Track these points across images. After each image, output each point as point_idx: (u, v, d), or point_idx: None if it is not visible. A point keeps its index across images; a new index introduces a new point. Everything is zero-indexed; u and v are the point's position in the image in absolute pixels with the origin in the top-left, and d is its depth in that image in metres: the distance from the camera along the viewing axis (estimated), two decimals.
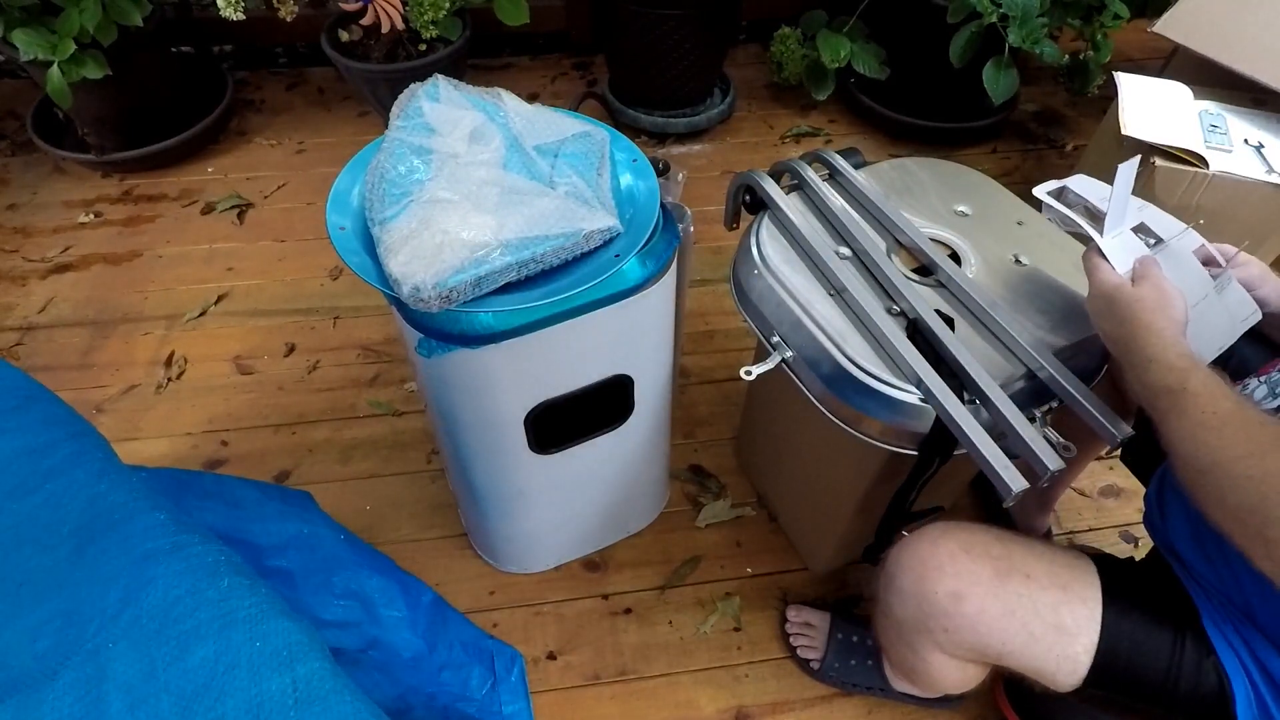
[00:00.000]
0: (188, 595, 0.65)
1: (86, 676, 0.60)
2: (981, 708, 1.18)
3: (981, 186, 1.07)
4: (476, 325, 0.80)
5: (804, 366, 0.91)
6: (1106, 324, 0.77)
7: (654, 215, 0.88)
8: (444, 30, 1.85)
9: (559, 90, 2.28)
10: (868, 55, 1.98)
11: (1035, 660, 0.78)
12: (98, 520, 0.70)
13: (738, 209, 1.08)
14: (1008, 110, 2.10)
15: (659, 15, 1.85)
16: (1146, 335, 0.71)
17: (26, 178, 1.97)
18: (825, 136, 2.16)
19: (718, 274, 1.76)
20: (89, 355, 1.60)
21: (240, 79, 2.24)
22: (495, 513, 1.16)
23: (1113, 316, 0.76)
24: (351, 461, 1.44)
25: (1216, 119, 1.44)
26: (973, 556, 0.80)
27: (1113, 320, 0.76)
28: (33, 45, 1.53)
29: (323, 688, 0.62)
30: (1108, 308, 0.76)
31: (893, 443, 0.88)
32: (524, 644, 1.22)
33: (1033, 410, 0.81)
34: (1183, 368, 0.67)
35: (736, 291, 1.01)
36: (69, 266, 1.77)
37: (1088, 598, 0.79)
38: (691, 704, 1.17)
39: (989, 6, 1.69)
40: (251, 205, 1.92)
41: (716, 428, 1.51)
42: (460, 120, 0.91)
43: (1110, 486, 1.43)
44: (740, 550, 1.34)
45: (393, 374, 1.57)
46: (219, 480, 1.14)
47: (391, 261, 0.77)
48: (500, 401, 0.94)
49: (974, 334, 0.89)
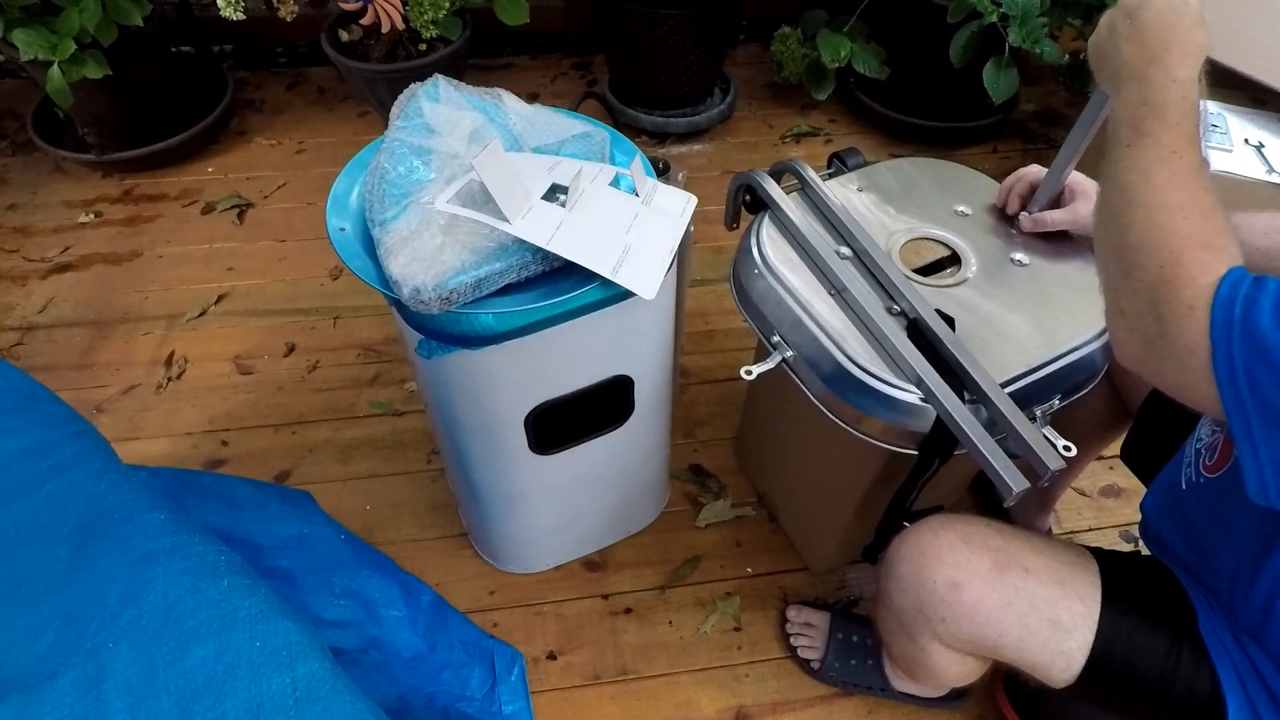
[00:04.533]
0: (188, 595, 0.65)
1: (86, 676, 0.60)
2: (981, 707, 1.18)
3: (981, 187, 1.07)
4: (477, 326, 0.80)
5: (804, 366, 0.91)
6: (1129, 44, 0.65)
7: None
8: (444, 30, 1.85)
9: (559, 90, 2.28)
10: (868, 55, 1.98)
11: (1030, 654, 0.79)
12: (98, 520, 0.70)
13: (738, 209, 1.08)
14: (1008, 110, 2.10)
15: (659, 15, 1.85)
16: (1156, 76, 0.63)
17: (26, 178, 1.97)
18: (825, 136, 2.16)
19: (718, 274, 1.76)
20: (89, 355, 1.60)
21: (240, 79, 2.24)
22: (495, 513, 1.16)
23: (1118, 71, 0.67)
24: (351, 461, 1.44)
25: (1216, 119, 1.44)
26: (972, 547, 0.80)
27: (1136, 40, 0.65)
28: (33, 45, 1.53)
29: (323, 688, 0.62)
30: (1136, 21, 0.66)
31: (893, 442, 0.88)
32: (524, 644, 1.22)
33: (1033, 410, 0.82)
34: (1180, 109, 0.62)
35: (737, 291, 1.01)
36: (69, 266, 1.77)
37: (1086, 595, 0.79)
38: (691, 704, 1.17)
39: (989, 6, 1.69)
40: (251, 205, 1.92)
41: (716, 428, 1.51)
42: (460, 121, 0.91)
43: (1110, 486, 1.43)
44: (740, 550, 1.34)
45: (393, 374, 1.57)
46: (219, 480, 1.14)
47: (392, 263, 0.77)
48: (500, 402, 0.94)
49: (974, 334, 0.89)
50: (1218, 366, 0.55)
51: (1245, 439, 0.56)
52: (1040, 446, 0.77)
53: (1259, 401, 0.55)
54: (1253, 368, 0.54)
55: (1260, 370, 0.54)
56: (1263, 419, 0.55)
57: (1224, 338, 0.54)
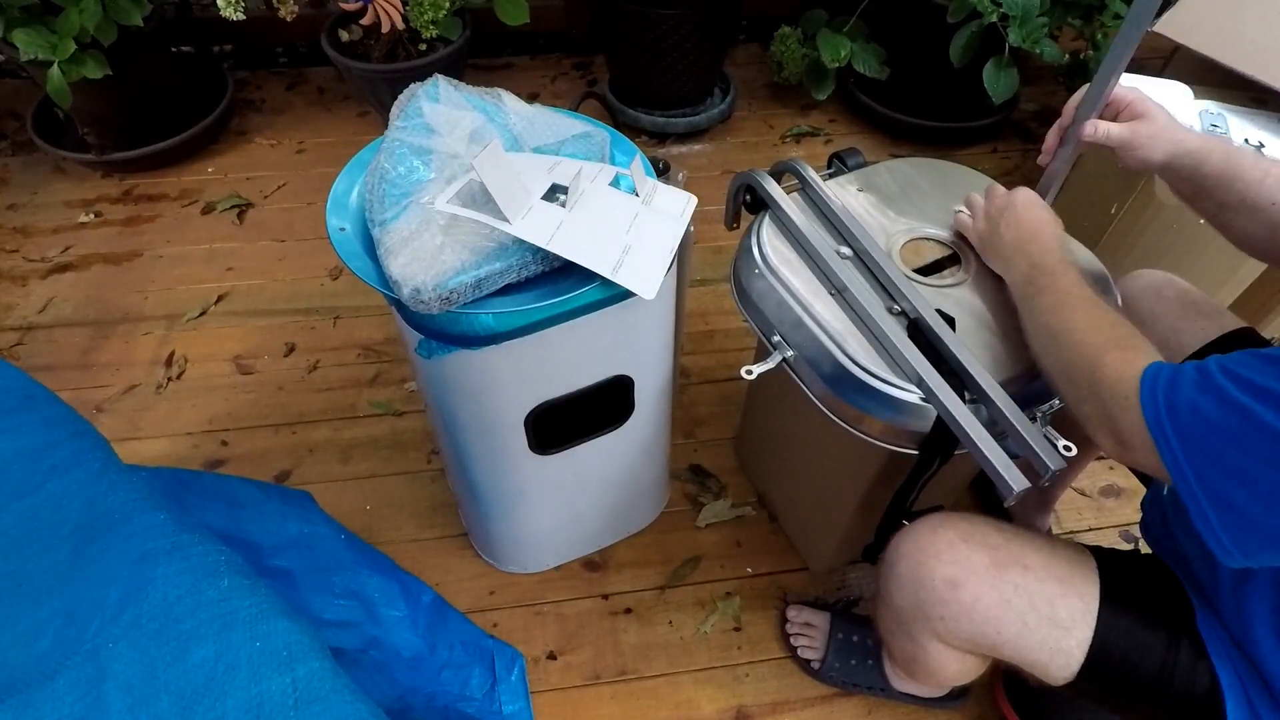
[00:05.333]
0: (188, 595, 0.65)
1: (86, 676, 0.60)
2: (981, 707, 1.18)
3: (981, 187, 1.07)
4: (477, 326, 0.80)
5: (805, 366, 0.91)
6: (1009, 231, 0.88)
7: None
8: (444, 30, 1.85)
9: (559, 90, 2.28)
10: (868, 55, 1.98)
11: (1029, 652, 0.79)
12: (98, 520, 0.70)
13: (738, 209, 1.08)
14: (1008, 110, 2.11)
15: (659, 15, 1.85)
16: (1035, 250, 0.84)
17: (26, 178, 1.97)
18: (825, 136, 2.16)
19: (718, 274, 1.76)
20: (89, 355, 1.60)
21: (240, 79, 2.24)
22: (495, 513, 1.16)
23: (1004, 251, 0.88)
24: (351, 461, 1.44)
25: (1216, 119, 1.44)
26: (971, 545, 0.81)
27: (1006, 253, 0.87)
28: (33, 45, 1.53)
29: (323, 688, 0.62)
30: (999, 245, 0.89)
31: (893, 442, 0.88)
32: (524, 644, 1.22)
33: (1034, 410, 0.81)
34: (1060, 266, 0.80)
35: (737, 291, 1.01)
36: (69, 266, 1.77)
37: (1085, 593, 0.79)
38: (691, 704, 1.17)
39: (989, 6, 1.69)
40: (251, 205, 1.92)
41: (716, 428, 1.51)
42: (460, 121, 0.91)
43: (1110, 486, 1.43)
44: (740, 550, 1.34)
45: (393, 374, 1.57)
46: (219, 480, 1.14)
47: (392, 263, 0.77)
48: (500, 402, 0.94)
49: (975, 334, 0.89)
50: (1160, 450, 0.62)
51: (1198, 516, 0.61)
52: (1041, 446, 0.77)
53: (1200, 462, 0.60)
54: (1187, 440, 0.60)
55: (1195, 438, 0.60)
56: (1202, 482, 0.60)
57: (1157, 423, 0.62)
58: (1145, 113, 0.83)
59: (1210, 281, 1.45)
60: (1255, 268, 1.44)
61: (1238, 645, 0.76)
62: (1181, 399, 0.61)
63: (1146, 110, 0.83)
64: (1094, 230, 1.54)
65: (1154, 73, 1.60)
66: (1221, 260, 1.42)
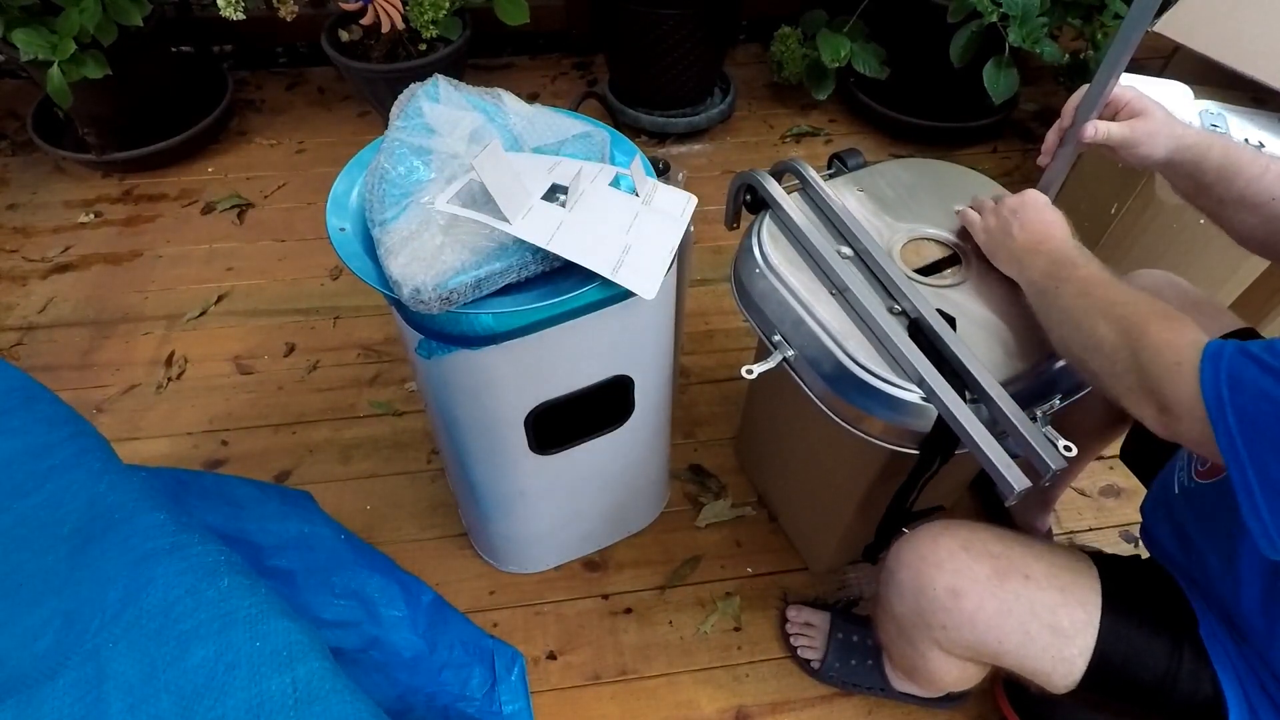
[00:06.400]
0: (187, 595, 0.65)
1: (86, 676, 0.60)
2: (981, 708, 1.18)
3: (981, 187, 1.07)
4: (477, 326, 0.80)
5: (805, 365, 0.91)
6: (1021, 233, 0.87)
7: None
8: (444, 30, 1.85)
9: (559, 90, 2.28)
10: (868, 55, 1.98)
11: (1031, 661, 0.78)
12: (97, 520, 0.70)
13: (738, 209, 1.07)
14: (1008, 110, 2.10)
15: (659, 15, 1.85)
16: (1051, 248, 0.83)
17: (26, 178, 1.97)
18: (825, 136, 2.16)
19: (718, 274, 1.76)
20: (89, 355, 1.60)
21: (240, 79, 2.24)
22: (495, 513, 1.16)
23: (1017, 253, 0.87)
24: (351, 461, 1.44)
25: (1216, 118, 1.44)
26: (972, 554, 0.80)
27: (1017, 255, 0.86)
28: (33, 45, 1.53)
29: (323, 688, 0.62)
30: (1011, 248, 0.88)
31: (894, 442, 0.88)
32: (524, 644, 1.22)
33: (1034, 409, 0.81)
34: (1082, 256, 0.80)
35: (737, 291, 1.01)
36: (69, 266, 1.77)
37: (1086, 601, 0.79)
38: (691, 704, 1.17)
39: (989, 6, 1.69)
40: (251, 205, 1.92)
41: (716, 428, 1.51)
42: (460, 121, 0.91)
43: (1110, 486, 1.43)
44: (740, 550, 1.34)
45: (393, 374, 1.57)
46: (219, 480, 1.14)
47: (392, 263, 0.77)
48: (500, 402, 0.94)
49: (975, 333, 0.89)
50: (1215, 426, 0.59)
51: (1246, 499, 0.59)
52: (1041, 446, 0.77)
53: (1262, 447, 0.58)
54: (1248, 422, 0.58)
55: (1260, 422, 0.58)
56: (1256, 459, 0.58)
57: (1216, 400, 0.59)
58: (1143, 110, 0.83)
59: (1210, 281, 1.45)
60: (1255, 268, 1.44)
61: (1242, 651, 0.76)
62: (1248, 379, 0.58)
63: (1145, 108, 0.83)
64: (1094, 230, 1.54)
65: (1154, 73, 1.60)
66: (1222, 260, 1.42)
